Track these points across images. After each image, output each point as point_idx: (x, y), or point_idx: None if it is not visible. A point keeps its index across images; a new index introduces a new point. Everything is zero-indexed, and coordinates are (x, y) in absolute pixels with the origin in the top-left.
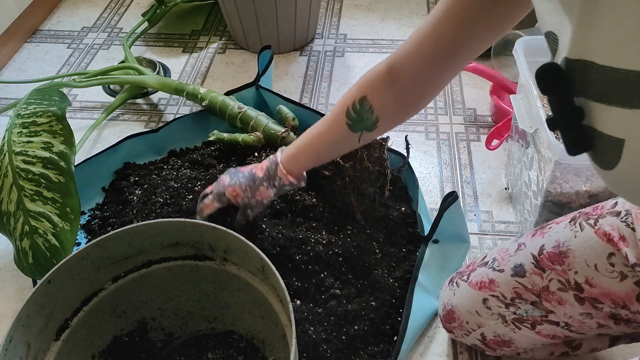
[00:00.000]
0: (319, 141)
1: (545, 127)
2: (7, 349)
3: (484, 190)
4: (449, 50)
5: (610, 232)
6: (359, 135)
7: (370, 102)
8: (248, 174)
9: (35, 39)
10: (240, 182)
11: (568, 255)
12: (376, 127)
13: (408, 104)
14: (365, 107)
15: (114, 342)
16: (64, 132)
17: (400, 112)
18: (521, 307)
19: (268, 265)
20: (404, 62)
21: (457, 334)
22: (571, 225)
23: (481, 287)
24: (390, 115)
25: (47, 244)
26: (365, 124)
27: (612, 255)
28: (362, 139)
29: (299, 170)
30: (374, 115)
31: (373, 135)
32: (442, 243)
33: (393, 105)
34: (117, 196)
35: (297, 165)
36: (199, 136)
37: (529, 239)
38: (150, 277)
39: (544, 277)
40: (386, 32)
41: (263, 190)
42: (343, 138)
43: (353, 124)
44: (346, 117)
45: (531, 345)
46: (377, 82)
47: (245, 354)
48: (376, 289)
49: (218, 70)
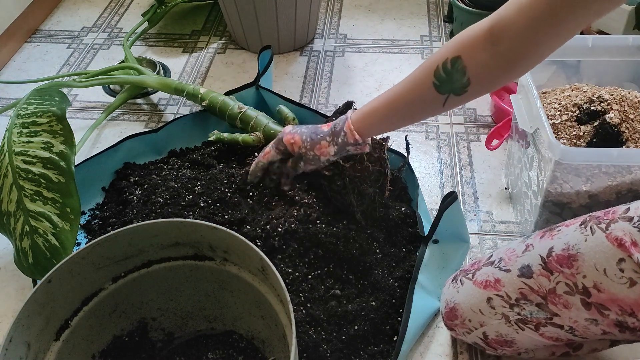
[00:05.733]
0: (397, 100)
1: (545, 127)
2: (7, 349)
3: (484, 190)
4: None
5: (622, 237)
6: (444, 98)
7: (464, 63)
8: (312, 126)
9: (35, 39)
10: (302, 131)
11: (577, 259)
12: (465, 92)
13: (506, 69)
14: (458, 67)
15: (114, 342)
16: (64, 132)
17: (495, 77)
18: (526, 308)
19: (268, 265)
20: (509, 21)
21: (458, 332)
22: (581, 229)
23: (486, 286)
24: (484, 79)
25: (47, 244)
26: (454, 86)
27: (622, 260)
28: (448, 104)
29: (368, 131)
30: (465, 77)
31: (460, 102)
32: (442, 243)
33: (489, 69)
34: (117, 196)
35: (368, 125)
36: (199, 136)
37: (537, 240)
38: (150, 277)
39: (551, 279)
40: (386, 32)
41: (324, 145)
42: (426, 99)
43: (440, 84)
44: (434, 76)
45: (533, 346)
46: (475, 41)
47: (245, 354)
48: (376, 289)
49: (218, 70)
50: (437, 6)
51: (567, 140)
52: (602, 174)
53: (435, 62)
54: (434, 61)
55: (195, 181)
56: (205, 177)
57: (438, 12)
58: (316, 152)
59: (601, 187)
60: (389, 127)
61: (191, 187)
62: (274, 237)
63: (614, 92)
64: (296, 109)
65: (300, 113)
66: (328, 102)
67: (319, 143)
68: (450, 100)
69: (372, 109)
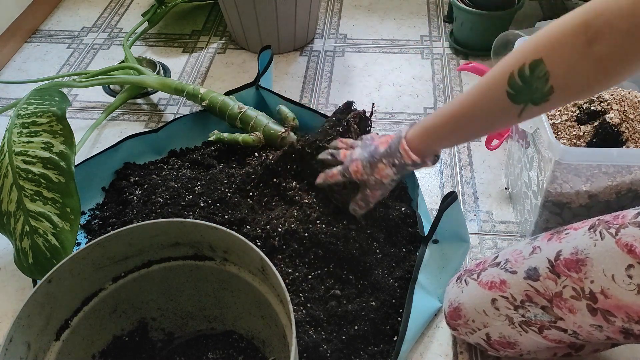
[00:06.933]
0: (463, 114)
1: (545, 127)
2: (7, 349)
3: (484, 190)
4: None
5: (632, 244)
6: (520, 108)
7: (547, 67)
8: (374, 147)
9: (35, 39)
10: (364, 156)
11: (586, 264)
12: (547, 101)
13: (603, 75)
14: (539, 73)
15: (114, 342)
16: (64, 132)
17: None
18: (530, 310)
19: (268, 265)
20: (611, 16)
21: (461, 332)
22: (590, 233)
23: (491, 287)
24: (572, 87)
25: (47, 244)
26: (533, 95)
27: (632, 267)
28: (524, 114)
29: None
30: (548, 84)
31: (539, 112)
32: (442, 243)
33: (580, 75)
34: (117, 196)
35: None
36: (199, 136)
37: (544, 243)
38: (150, 277)
39: (558, 282)
40: (386, 32)
41: (382, 167)
42: (497, 110)
43: (516, 93)
44: (508, 84)
45: (535, 347)
46: (565, 41)
47: (245, 354)
48: (376, 289)
49: (218, 70)
50: (437, 6)
51: (567, 140)
52: (602, 174)
53: (510, 66)
54: (507, 65)
55: (195, 181)
56: (205, 177)
57: (438, 12)
58: (376, 176)
59: (601, 187)
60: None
61: (191, 187)
62: (274, 237)
63: (614, 92)
64: (296, 109)
65: (300, 113)
66: (328, 102)
67: (377, 166)
68: (527, 111)
69: (432, 125)
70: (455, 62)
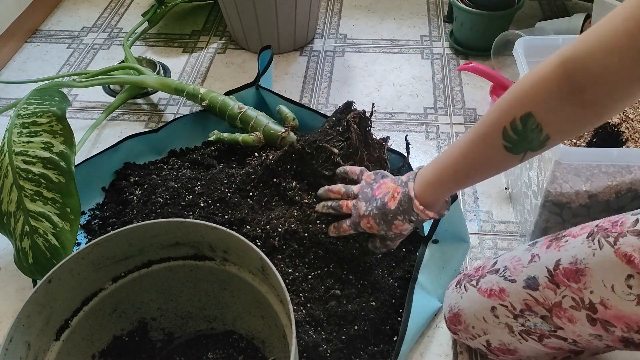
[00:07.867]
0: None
1: None
2: (7, 349)
3: (483, 190)
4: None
5: (632, 254)
6: (520, 156)
7: (538, 120)
8: (380, 203)
9: (35, 39)
10: (374, 213)
11: (585, 274)
12: (545, 146)
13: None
14: (531, 126)
15: (114, 342)
16: (64, 132)
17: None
18: (530, 319)
19: (268, 265)
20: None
21: (462, 337)
22: (589, 242)
23: (490, 294)
24: (567, 132)
25: (47, 244)
26: (531, 145)
27: (631, 277)
28: (525, 158)
29: (440, 199)
30: (542, 133)
31: (540, 153)
32: (442, 243)
33: (573, 121)
34: (117, 196)
35: (436, 195)
36: (199, 136)
37: (543, 251)
38: (150, 277)
39: (557, 292)
40: (386, 32)
41: (399, 224)
42: (498, 160)
43: (513, 146)
44: (503, 139)
45: (535, 354)
46: (548, 92)
47: (245, 354)
48: (376, 289)
49: (218, 70)
50: (437, 6)
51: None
52: (602, 174)
53: (500, 122)
54: (498, 121)
55: (195, 181)
56: (205, 177)
57: (438, 12)
58: (395, 231)
59: (601, 187)
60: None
61: (191, 187)
62: (274, 237)
63: None
64: (296, 109)
65: (300, 113)
66: (328, 102)
67: (393, 223)
68: (527, 156)
69: (437, 180)
70: (455, 62)
